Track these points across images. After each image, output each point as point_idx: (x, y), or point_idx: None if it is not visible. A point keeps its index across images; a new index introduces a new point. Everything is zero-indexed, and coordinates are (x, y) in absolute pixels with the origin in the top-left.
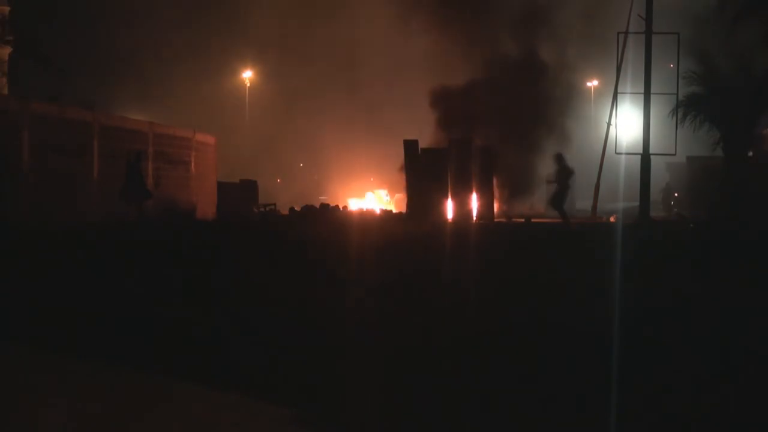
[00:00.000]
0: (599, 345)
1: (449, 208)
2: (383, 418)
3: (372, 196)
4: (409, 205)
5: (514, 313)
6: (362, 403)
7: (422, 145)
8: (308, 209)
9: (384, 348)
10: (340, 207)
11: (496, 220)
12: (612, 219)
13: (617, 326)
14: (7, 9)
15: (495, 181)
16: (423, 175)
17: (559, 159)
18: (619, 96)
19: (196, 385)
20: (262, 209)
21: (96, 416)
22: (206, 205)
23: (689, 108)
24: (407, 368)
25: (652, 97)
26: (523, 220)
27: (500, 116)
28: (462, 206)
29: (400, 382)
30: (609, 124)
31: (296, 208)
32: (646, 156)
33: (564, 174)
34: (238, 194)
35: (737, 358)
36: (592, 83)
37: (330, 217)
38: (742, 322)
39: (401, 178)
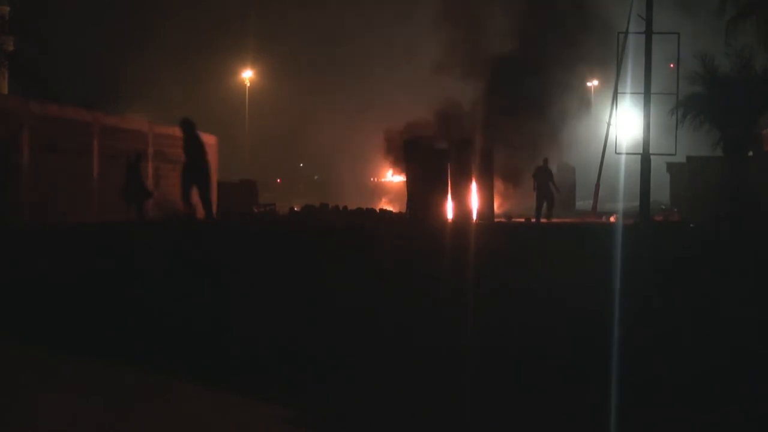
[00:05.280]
0: (599, 345)
1: (449, 208)
2: (384, 418)
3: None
4: (409, 205)
5: (513, 312)
6: (363, 402)
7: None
8: (308, 209)
9: (385, 348)
10: (340, 207)
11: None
12: (612, 219)
13: (617, 326)
14: (7, 9)
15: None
16: (423, 175)
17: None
18: (619, 96)
19: (197, 385)
20: (262, 209)
21: (96, 416)
22: None
23: (689, 108)
24: (408, 368)
25: (652, 97)
26: (522, 219)
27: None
28: (462, 206)
29: (401, 382)
30: (609, 124)
31: (296, 208)
32: (646, 156)
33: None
34: (238, 194)
35: (738, 357)
36: (592, 83)
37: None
38: (741, 321)
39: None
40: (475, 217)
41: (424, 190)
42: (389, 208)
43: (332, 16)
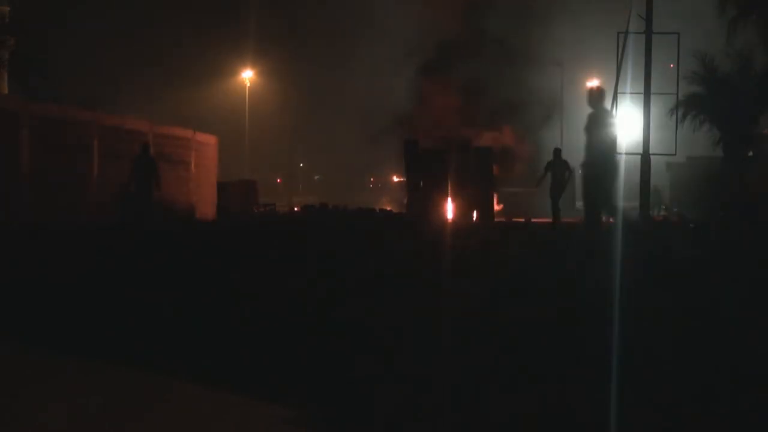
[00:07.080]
0: (599, 344)
1: (449, 209)
2: (385, 418)
3: None
4: (409, 205)
5: (513, 310)
6: (362, 401)
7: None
8: (308, 208)
9: (384, 347)
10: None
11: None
12: (611, 219)
13: (617, 326)
14: (7, 9)
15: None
16: (423, 175)
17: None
18: (619, 96)
19: (197, 385)
20: (262, 209)
21: (95, 416)
22: (206, 205)
23: (689, 108)
24: (408, 367)
25: (652, 97)
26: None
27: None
28: (462, 206)
29: (401, 380)
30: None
31: (296, 208)
32: (646, 156)
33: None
34: (238, 194)
35: (739, 357)
36: (592, 83)
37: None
38: (742, 321)
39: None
40: (474, 217)
41: (424, 191)
42: (389, 208)
43: (332, 14)
